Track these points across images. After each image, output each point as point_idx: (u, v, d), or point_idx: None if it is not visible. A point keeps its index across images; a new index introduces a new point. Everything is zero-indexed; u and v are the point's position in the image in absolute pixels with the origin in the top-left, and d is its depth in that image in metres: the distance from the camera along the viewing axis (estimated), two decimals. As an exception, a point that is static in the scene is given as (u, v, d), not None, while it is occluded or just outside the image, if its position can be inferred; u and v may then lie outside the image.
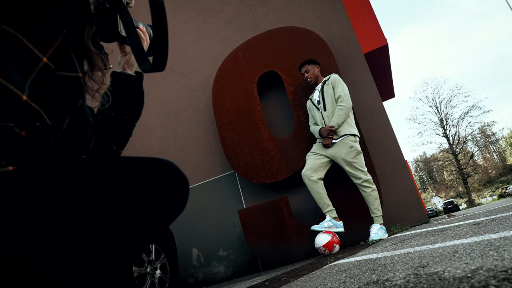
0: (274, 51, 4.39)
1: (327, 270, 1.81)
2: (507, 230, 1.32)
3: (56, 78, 0.73)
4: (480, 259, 0.92)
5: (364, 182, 3.32)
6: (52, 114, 0.72)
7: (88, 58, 0.86)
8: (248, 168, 4.21)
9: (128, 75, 1.19)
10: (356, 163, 3.35)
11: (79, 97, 0.81)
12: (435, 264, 1.05)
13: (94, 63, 0.88)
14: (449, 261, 1.03)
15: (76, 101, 0.80)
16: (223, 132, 4.44)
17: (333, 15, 4.52)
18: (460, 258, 1.02)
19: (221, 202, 4.64)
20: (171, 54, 5.42)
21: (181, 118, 5.11)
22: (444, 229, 2.19)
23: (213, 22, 5.22)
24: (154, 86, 5.43)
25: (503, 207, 2.87)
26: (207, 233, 4.60)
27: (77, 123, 0.81)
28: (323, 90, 3.62)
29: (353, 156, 3.35)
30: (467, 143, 40.58)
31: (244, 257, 4.36)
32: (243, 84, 4.45)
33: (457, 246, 1.26)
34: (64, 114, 0.76)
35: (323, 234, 3.15)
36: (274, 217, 3.92)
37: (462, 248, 1.19)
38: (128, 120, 1.17)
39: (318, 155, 3.51)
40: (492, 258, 0.88)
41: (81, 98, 0.82)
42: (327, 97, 3.57)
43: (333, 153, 3.44)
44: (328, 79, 3.62)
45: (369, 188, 3.32)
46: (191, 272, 4.56)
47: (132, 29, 1.04)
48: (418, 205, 3.82)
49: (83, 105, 0.83)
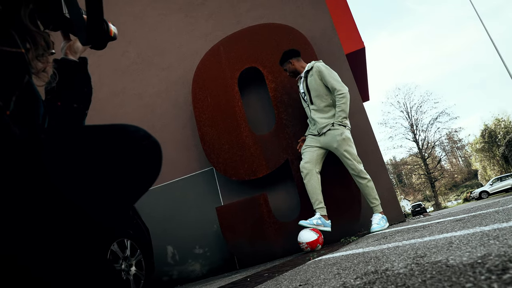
0: (256, 47, 4.35)
1: (314, 264, 1.79)
2: (497, 223, 1.33)
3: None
4: (483, 247, 0.91)
5: (359, 173, 3.34)
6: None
7: (30, 36, 0.83)
8: (227, 164, 4.16)
9: (71, 60, 1.17)
10: (349, 152, 3.35)
11: (24, 73, 0.77)
12: (433, 254, 1.04)
13: (37, 42, 0.85)
14: (447, 251, 1.03)
15: (22, 78, 0.77)
16: (202, 128, 4.37)
17: (316, 13, 4.53)
18: (459, 248, 1.01)
19: (198, 199, 4.56)
20: (150, 47, 5.30)
21: (158, 112, 5.00)
22: (426, 226, 2.21)
23: (194, 16, 5.13)
24: (132, 79, 5.29)
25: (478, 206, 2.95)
26: (183, 230, 4.50)
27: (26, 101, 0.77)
28: (307, 80, 3.58)
29: (345, 144, 3.34)
30: (435, 148, 41.95)
31: (220, 254, 4.30)
32: (224, 80, 4.39)
33: (450, 238, 1.26)
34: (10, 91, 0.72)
35: (311, 231, 3.13)
36: (252, 215, 3.88)
37: (456, 239, 1.19)
38: (77, 109, 1.15)
39: (313, 147, 3.50)
40: (496, 246, 0.88)
41: (27, 75, 0.78)
42: (312, 89, 3.53)
43: (327, 142, 3.43)
44: (310, 69, 3.56)
45: (364, 179, 3.35)
46: (165, 270, 4.46)
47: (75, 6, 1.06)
48: (395, 204, 3.88)
49: (30, 81, 0.80)
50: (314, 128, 3.56)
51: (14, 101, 0.73)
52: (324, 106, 3.48)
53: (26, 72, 0.78)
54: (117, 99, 5.27)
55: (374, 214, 3.36)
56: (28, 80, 0.79)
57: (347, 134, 3.38)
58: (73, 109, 1.13)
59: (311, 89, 3.53)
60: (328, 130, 3.42)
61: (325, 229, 3.27)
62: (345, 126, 3.40)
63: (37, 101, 0.83)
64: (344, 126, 3.39)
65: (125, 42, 5.39)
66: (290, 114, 4.04)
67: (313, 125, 3.58)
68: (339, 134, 3.35)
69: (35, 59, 0.87)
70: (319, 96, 3.49)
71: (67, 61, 1.16)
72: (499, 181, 25.52)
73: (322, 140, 3.46)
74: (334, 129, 3.38)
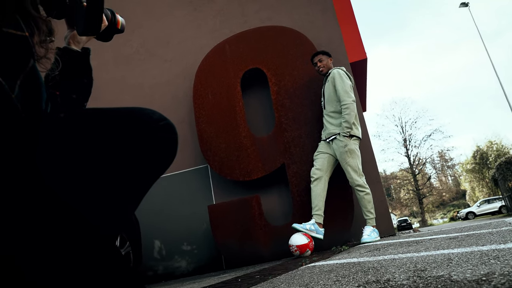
0: (262, 48, 4.39)
1: (308, 270, 1.82)
2: (495, 244, 1.38)
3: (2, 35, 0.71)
4: (484, 266, 0.96)
5: (357, 186, 3.45)
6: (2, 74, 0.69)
7: (33, 21, 0.84)
8: (223, 163, 4.19)
9: (73, 50, 1.16)
10: (350, 164, 3.44)
11: (29, 57, 0.78)
12: (434, 269, 1.08)
13: (39, 26, 0.86)
14: (448, 267, 1.07)
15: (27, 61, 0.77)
16: (200, 124, 4.39)
17: (324, 21, 4.59)
18: (460, 265, 1.05)
19: (190, 196, 4.57)
20: (155, 38, 5.31)
21: (157, 104, 5.00)
22: (419, 241, 2.26)
23: (202, 11, 5.16)
24: (132, 69, 5.29)
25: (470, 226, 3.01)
26: (172, 225, 4.51)
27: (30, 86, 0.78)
28: (324, 87, 3.76)
29: (347, 156, 3.44)
30: (426, 165, 42.37)
31: (208, 253, 4.32)
32: (227, 78, 4.42)
33: (448, 255, 1.30)
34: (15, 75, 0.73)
35: (302, 235, 3.17)
36: (244, 216, 3.91)
37: (455, 256, 1.23)
38: (75, 100, 1.14)
39: (325, 154, 3.61)
40: (499, 266, 0.92)
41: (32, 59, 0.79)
42: (327, 94, 3.68)
43: (334, 151, 3.57)
44: (329, 75, 3.72)
45: (363, 192, 3.43)
46: (151, 265, 4.46)
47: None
48: (386, 217, 3.94)
49: (34, 66, 0.81)
50: (324, 134, 3.70)
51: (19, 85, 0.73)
52: (332, 112, 3.62)
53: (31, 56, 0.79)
54: (115, 87, 5.26)
55: (366, 226, 3.43)
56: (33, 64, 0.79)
57: (351, 146, 3.47)
58: (72, 100, 1.12)
59: (325, 94, 3.71)
60: (334, 138, 3.54)
61: (317, 236, 3.31)
62: (352, 137, 3.48)
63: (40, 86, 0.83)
64: (350, 137, 3.47)
65: (129, 30, 5.39)
66: (290, 118, 4.08)
67: (324, 130, 3.72)
68: (343, 146, 3.46)
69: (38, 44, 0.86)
70: (331, 101, 3.64)
71: (69, 51, 1.15)
72: (486, 203, 25.89)
73: (331, 148, 3.61)
74: (339, 140, 3.49)
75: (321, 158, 3.61)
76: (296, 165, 3.94)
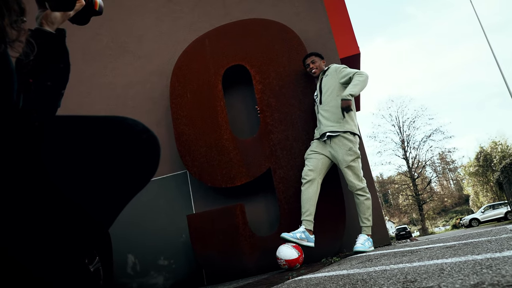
0: (245, 43, 4.41)
1: (294, 284, 1.84)
2: (490, 252, 1.41)
3: None
4: (476, 276, 0.99)
5: (358, 191, 3.48)
6: None
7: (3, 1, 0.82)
8: (203, 168, 4.18)
9: (47, 31, 1.12)
10: (353, 168, 3.47)
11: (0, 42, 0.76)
12: (424, 280, 1.11)
13: (9, 6, 0.83)
14: (439, 277, 1.10)
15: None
16: (178, 126, 4.38)
17: (313, 13, 4.63)
18: (451, 275, 1.08)
19: (167, 205, 4.56)
20: (126, 32, 5.28)
21: (130, 105, 4.98)
22: (414, 251, 2.30)
23: (179, 3, 5.16)
24: (102, 66, 5.26)
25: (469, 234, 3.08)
26: (147, 238, 4.49)
27: None
28: (321, 82, 3.78)
29: (351, 160, 3.47)
30: (426, 168, 42.92)
31: (187, 268, 4.30)
32: (207, 76, 4.42)
33: (441, 265, 1.33)
34: None
35: (292, 248, 3.16)
36: (227, 226, 3.91)
37: (447, 266, 1.26)
38: (51, 87, 1.10)
39: (319, 154, 3.61)
40: (489, 275, 0.95)
41: (2, 44, 0.77)
42: (325, 88, 3.71)
43: (333, 153, 3.56)
44: (327, 69, 3.78)
45: (363, 197, 3.49)
46: (124, 282, 4.43)
47: None
48: (381, 225, 3.98)
49: (5, 52, 0.79)
50: (318, 132, 3.69)
51: None
52: (332, 106, 3.60)
53: (2, 41, 0.77)
54: (83, 86, 5.22)
55: (360, 235, 3.46)
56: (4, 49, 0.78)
57: (355, 149, 3.52)
58: (47, 88, 1.08)
59: (324, 88, 3.73)
60: (333, 137, 3.53)
61: (308, 244, 3.32)
62: (354, 135, 3.54)
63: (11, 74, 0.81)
64: (354, 136, 3.53)
65: (97, 24, 5.36)
66: (276, 119, 4.10)
67: (318, 128, 3.72)
68: (348, 149, 3.48)
69: (8, 26, 0.83)
70: (331, 94, 3.64)
71: (42, 32, 1.10)
72: (491, 209, 26.24)
73: (329, 149, 3.59)
74: (343, 138, 3.50)
75: (314, 158, 3.60)
76: (283, 170, 3.96)
